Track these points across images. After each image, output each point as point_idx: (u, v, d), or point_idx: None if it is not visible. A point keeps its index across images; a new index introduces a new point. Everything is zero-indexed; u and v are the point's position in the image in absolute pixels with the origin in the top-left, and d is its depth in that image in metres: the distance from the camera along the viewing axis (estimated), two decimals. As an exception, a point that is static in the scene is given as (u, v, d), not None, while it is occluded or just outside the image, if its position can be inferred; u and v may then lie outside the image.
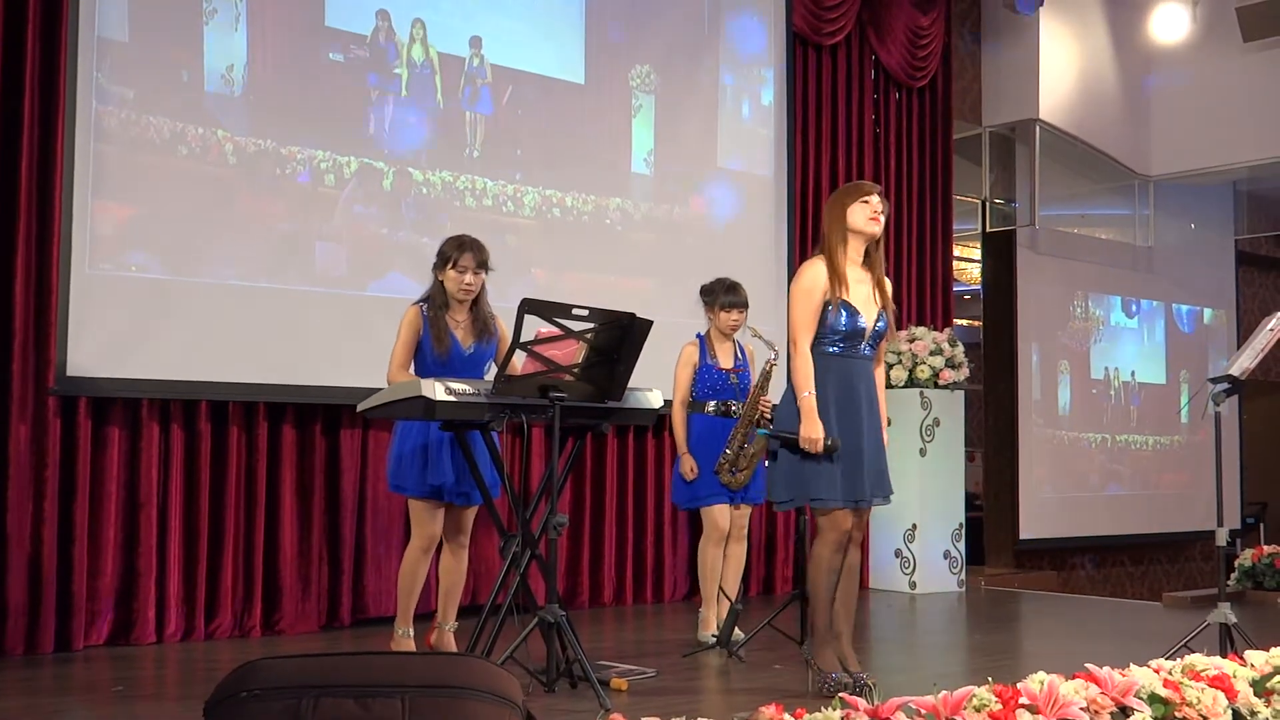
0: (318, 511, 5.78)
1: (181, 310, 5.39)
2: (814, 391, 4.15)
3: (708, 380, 5.35)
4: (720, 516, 5.29)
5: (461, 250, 4.55)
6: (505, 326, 4.59)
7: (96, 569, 5.17)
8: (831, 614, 4.24)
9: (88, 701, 4.27)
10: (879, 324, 4.29)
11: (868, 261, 4.35)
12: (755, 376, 5.36)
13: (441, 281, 4.59)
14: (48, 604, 5.00)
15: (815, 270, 4.26)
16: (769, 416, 5.16)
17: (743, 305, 5.36)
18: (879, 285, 4.34)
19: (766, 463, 4.47)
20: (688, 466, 5.28)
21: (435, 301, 4.59)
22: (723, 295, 5.34)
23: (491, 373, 4.54)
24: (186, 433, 5.44)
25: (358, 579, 5.90)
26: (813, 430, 4.11)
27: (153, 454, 5.32)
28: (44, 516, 5.00)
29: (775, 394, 5.22)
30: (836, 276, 4.22)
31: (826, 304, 4.20)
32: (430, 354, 4.54)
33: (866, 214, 4.27)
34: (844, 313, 4.20)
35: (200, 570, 5.42)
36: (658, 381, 5.06)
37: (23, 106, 5.03)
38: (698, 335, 5.43)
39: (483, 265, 4.60)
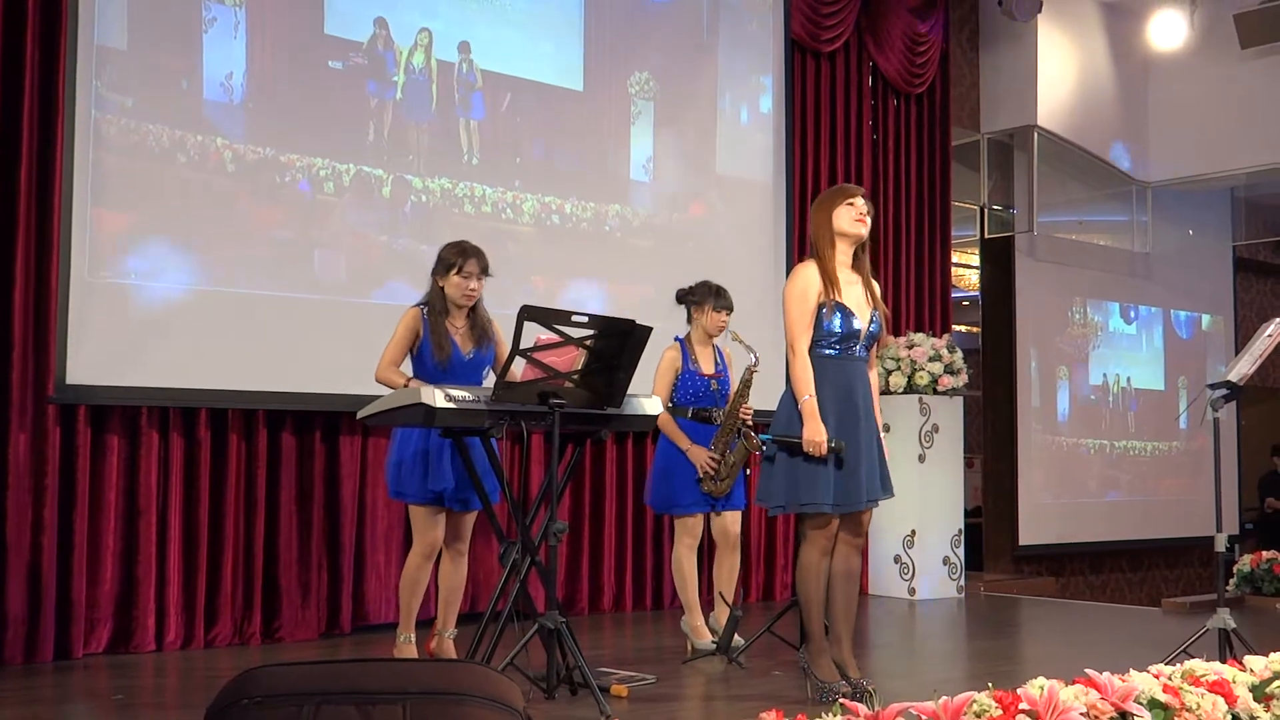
0: (317, 518, 5.78)
1: (181, 318, 5.39)
2: (814, 394, 4.14)
3: (690, 386, 5.26)
4: (695, 523, 5.26)
5: (465, 256, 4.56)
6: (502, 331, 4.60)
7: (96, 577, 5.17)
8: (826, 620, 4.23)
9: (88, 710, 4.27)
10: (873, 325, 4.29)
11: (856, 264, 4.34)
12: (734, 381, 5.32)
13: (441, 287, 4.60)
14: (47, 612, 4.99)
15: (808, 273, 4.26)
16: (750, 424, 5.13)
17: (731, 307, 5.32)
18: (869, 287, 4.34)
19: (747, 472, 4.43)
20: (704, 457, 5.12)
21: (435, 307, 4.59)
22: (712, 298, 5.27)
23: (490, 378, 4.54)
24: (186, 440, 5.44)
25: (357, 586, 5.90)
26: (815, 433, 4.10)
27: (152, 462, 5.32)
28: (43, 524, 5.00)
29: (755, 401, 5.20)
30: (829, 279, 4.22)
31: (821, 306, 4.20)
32: (431, 360, 4.54)
33: (852, 216, 4.27)
34: (839, 314, 4.20)
35: (200, 578, 5.41)
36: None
37: (22, 114, 5.04)
38: (677, 339, 5.33)
39: (484, 270, 4.62)
